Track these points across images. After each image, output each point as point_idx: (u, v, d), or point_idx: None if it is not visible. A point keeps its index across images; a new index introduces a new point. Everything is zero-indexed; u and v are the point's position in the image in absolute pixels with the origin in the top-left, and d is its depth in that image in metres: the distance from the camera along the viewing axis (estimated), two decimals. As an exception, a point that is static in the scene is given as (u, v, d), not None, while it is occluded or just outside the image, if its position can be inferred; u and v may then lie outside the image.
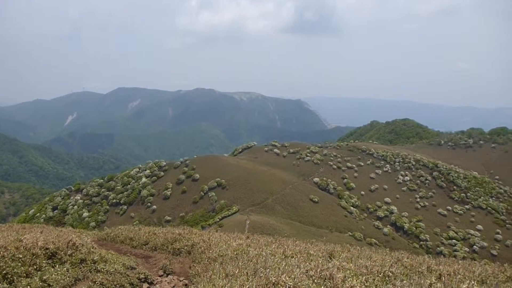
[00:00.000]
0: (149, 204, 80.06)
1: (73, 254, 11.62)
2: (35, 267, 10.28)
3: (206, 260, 13.33)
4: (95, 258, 11.90)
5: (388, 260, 13.61)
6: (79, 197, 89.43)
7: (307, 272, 9.53)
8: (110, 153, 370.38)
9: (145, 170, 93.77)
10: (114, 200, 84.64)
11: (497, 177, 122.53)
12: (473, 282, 10.02)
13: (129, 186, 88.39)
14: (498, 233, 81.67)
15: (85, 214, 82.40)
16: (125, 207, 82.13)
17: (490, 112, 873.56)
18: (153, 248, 17.33)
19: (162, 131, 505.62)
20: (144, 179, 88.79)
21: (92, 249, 12.59)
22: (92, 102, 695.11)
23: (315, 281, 8.90)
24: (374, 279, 9.74)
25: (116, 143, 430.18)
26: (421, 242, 74.85)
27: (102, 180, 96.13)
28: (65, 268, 10.60)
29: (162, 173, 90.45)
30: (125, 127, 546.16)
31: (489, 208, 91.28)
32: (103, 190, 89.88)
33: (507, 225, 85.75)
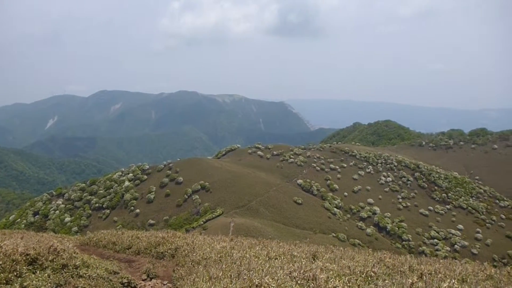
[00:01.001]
0: (132, 208, 79.33)
1: (54, 260, 11.46)
2: (15, 273, 10.11)
3: (190, 263, 13.29)
4: (77, 263, 11.75)
5: (371, 260, 13.74)
6: (61, 202, 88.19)
7: (290, 274, 9.58)
8: (92, 157, 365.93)
9: (128, 173, 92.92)
10: (97, 205, 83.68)
11: (477, 177, 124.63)
12: (453, 281, 10.18)
13: (111, 190, 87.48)
14: (478, 232, 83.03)
15: (67, 219, 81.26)
16: (108, 211, 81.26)
17: (470, 113, 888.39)
18: (136, 252, 17.20)
19: (145, 134, 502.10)
20: (127, 183, 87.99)
21: (74, 254, 12.44)
22: (74, 105, 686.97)
23: (298, 282, 8.96)
24: (356, 279, 9.83)
25: (98, 146, 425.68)
26: (404, 242, 75.62)
27: (84, 184, 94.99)
28: (46, 274, 10.45)
29: (145, 177, 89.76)
30: (107, 130, 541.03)
31: (469, 208, 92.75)
32: (85, 194, 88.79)
33: (487, 225, 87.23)
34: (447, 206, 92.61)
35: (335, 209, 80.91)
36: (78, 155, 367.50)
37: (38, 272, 10.60)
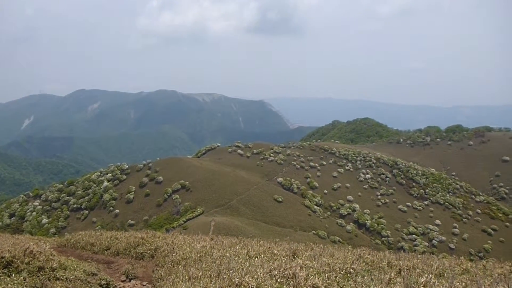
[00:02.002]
0: (111, 208, 78.46)
1: (30, 262, 11.24)
2: (-11, 277, 9.89)
3: (170, 263, 13.20)
4: (54, 266, 11.55)
5: (350, 257, 13.87)
6: (37, 203, 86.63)
7: (270, 272, 9.59)
8: (69, 157, 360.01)
9: (107, 173, 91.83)
10: (75, 205, 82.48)
11: (453, 173, 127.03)
12: (431, 276, 10.33)
13: (90, 190, 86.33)
14: (455, 227, 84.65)
15: (45, 220, 79.90)
16: (86, 212, 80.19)
17: (445, 110, 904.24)
18: (115, 253, 17.01)
19: (124, 134, 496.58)
20: (106, 183, 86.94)
21: (51, 256, 12.22)
22: (50, 105, 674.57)
23: (278, 280, 8.98)
24: (336, 276, 9.90)
25: (76, 146, 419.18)
26: (383, 238, 76.58)
27: (62, 185, 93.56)
28: (22, 277, 10.25)
29: (124, 177, 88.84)
30: (85, 130, 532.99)
31: (446, 203, 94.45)
32: (63, 195, 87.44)
33: (463, 219, 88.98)
34: (425, 202, 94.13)
35: (315, 206, 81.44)
36: (55, 155, 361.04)
37: (13, 275, 10.38)
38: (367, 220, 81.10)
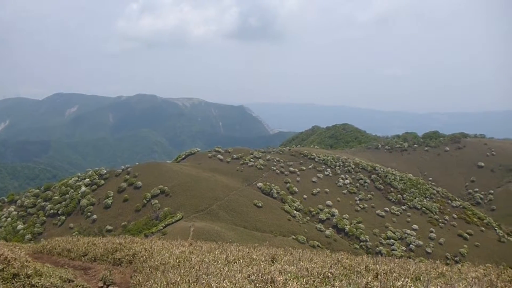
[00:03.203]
0: (89, 213, 77.27)
1: (4, 269, 11.02)
2: (-39, 284, 9.67)
3: (148, 269, 13.11)
4: (29, 272, 11.35)
5: (329, 262, 13.99)
6: (13, 209, 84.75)
7: (249, 277, 9.63)
8: (46, 162, 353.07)
9: (85, 178, 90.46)
10: (52, 211, 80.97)
11: (430, 178, 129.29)
12: (407, 279, 10.52)
13: (67, 195, 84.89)
14: (432, 231, 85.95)
15: (20, 226, 78.19)
16: (63, 217, 78.80)
17: (421, 117, 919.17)
18: (93, 259, 16.81)
19: (102, 138, 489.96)
20: (83, 188, 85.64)
21: (26, 263, 12.00)
22: (27, 109, 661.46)
23: (257, 285, 9.02)
24: (314, 281, 9.99)
25: (52, 151, 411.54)
26: (362, 243, 77.26)
27: (38, 190, 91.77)
28: (-5, 284, 10.06)
29: (102, 181, 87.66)
30: (63, 134, 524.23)
31: (423, 208, 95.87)
32: (39, 200, 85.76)
33: (440, 224, 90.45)
34: (402, 207, 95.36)
35: (295, 211, 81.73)
36: (31, 160, 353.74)
37: (-14, 282, 10.18)
38: (346, 225, 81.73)
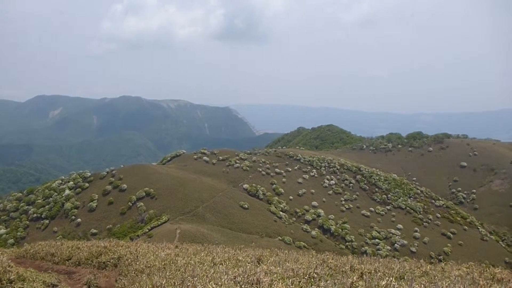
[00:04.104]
0: (73, 217, 76.38)
1: (-14, 274, 10.87)
2: None
3: (133, 272, 13.05)
4: (11, 277, 11.21)
5: (314, 262, 14.08)
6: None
7: (235, 278, 9.64)
8: (29, 165, 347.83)
9: (69, 181, 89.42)
10: (35, 215, 79.82)
11: (414, 178, 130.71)
12: (391, 279, 10.64)
13: (51, 199, 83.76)
14: (416, 231, 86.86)
15: (2, 230, 76.86)
16: (47, 221, 77.73)
17: (406, 117, 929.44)
18: (77, 263, 16.65)
19: (86, 141, 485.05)
20: (67, 191, 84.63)
21: (8, 268, 11.84)
22: (8, 111, 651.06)
23: (243, 286, 9.04)
24: (300, 281, 10.05)
25: (35, 154, 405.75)
26: (347, 243, 77.72)
27: (20, 194, 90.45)
28: (-23, 290, 9.91)
29: (87, 184, 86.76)
30: (46, 137, 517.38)
31: (408, 208, 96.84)
32: (22, 204, 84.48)
33: (424, 224, 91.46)
34: (387, 206, 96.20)
35: (281, 212, 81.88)
36: (14, 163, 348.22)
37: (-32, 288, 10.03)
38: (332, 225, 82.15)
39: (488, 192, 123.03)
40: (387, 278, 10.70)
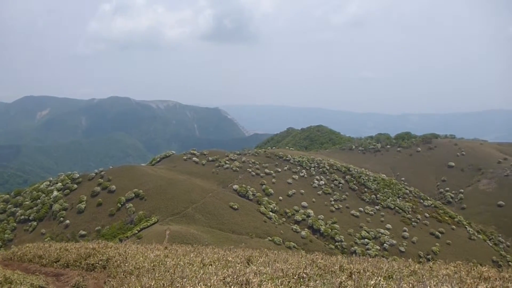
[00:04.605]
0: (61, 219, 75.74)
1: (-27, 277, 10.75)
2: None
3: (122, 273, 12.99)
4: (-2, 280, 11.10)
5: (304, 262, 14.12)
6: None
7: (224, 279, 9.65)
8: (16, 167, 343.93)
9: (57, 183, 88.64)
10: (23, 217, 79.01)
11: (403, 178, 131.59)
12: (380, 278, 10.72)
13: (39, 200, 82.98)
14: (405, 230, 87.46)
15: (-11, 233, 76.04)
16: (35, 223, 77.00)
17: (393, 118, 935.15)
18: (65, 265, 16.53)
19: (74, 142, 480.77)
20: (55, 193, 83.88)
21: (-5, 270, 11.73)
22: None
23: (232, 287, 9.04)
24: (289, 282, 10.08)
25: (23, 155, 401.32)
26: (337, 243, 77.98)
27: (8, 196, 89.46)
28: (-37, 293, 9.79)
29: (75, 186, 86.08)
30: (34, 138, 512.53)
31: (396, 208, 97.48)
32: (9, 206, 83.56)
33: (413, 223, 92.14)
34: (376, 206, 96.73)
35: (271, 213, 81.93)
36: (1, 164, 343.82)
37: (-46, 291, 9.91)
38: (321, 225, 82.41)
39: (476, 192, 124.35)
40: (375, 277, 10.78)
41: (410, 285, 10.38)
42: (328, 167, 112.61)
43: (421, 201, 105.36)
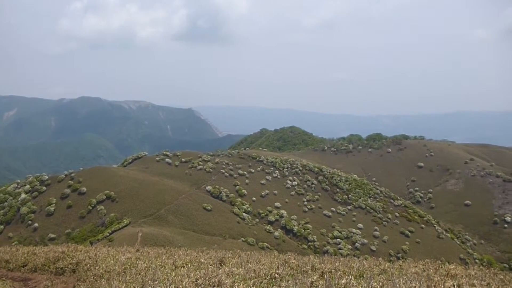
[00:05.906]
0: (30, 222, 73.80)
1: None
2: None
3: (92, 277, 12.79)
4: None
5: (276, 263, 14.21)
6: None
7: (196, 281, 9.63)
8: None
9: (25, 185, 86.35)
10: (-12, 220, 76.69)
11: (374, 178, 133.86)
12: (351, 277, 10.88)
13: (6, 203, 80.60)
14: (376, 230, 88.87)
15: (-48, 237, 73.50)
16: (1, 227, 74.79)
17: (365, 119, 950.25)
18: (33, 269, 16.16)
19: (43, 143, 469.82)
20: (23, 195, 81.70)
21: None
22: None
23: (204, 288, 9.04)
24: (261, 282, 10.14)
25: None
26: (309, 243, 78.59)
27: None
28: None
29: (44, 188, 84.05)
30: (0, 139, 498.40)
31: (368, 207, 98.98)
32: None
33: (383, 223, 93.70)
34: (348, 206, 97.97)
35: (244, 214, 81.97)
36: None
37: None
38: (294, 226, 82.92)
39: (444, 191, 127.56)
40: (346, 276, 10.94)
41: (380, 283, 10.58)
42: (301, 168, 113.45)
43: (392, 201, 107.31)
